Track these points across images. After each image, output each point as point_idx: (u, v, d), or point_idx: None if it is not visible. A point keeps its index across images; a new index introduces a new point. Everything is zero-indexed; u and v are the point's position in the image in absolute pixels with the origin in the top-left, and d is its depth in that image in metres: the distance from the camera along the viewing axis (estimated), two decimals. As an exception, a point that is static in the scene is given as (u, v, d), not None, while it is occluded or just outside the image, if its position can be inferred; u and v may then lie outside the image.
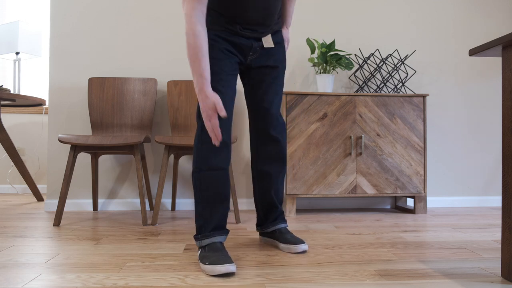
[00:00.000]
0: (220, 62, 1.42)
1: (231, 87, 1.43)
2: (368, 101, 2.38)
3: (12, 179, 3.53)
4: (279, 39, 1.57)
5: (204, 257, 1.30)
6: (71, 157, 2.06)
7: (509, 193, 1.17)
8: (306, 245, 1.51)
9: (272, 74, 1.54)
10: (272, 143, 1.56)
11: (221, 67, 1.41)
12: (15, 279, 1.19)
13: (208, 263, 1.25)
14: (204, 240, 1.36)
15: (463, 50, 2.78)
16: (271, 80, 1.54)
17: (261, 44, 1.50)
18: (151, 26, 2.60)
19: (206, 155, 1.35)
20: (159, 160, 2.60)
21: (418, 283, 1.16)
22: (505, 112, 1.19)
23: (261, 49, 1.52)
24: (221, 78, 1.40)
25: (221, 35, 1.44)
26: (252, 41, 1.48)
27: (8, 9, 3.64)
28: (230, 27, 1.44)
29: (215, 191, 1.37)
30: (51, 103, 2.55)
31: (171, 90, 2.46)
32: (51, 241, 1.67)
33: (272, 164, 1.57)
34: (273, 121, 1.54)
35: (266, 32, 1.50)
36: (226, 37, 1.45)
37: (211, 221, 1.37)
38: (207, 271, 1.24)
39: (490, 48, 1.18)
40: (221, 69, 1.41)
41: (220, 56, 1.42)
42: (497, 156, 2.80)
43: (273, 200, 1.60)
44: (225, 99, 1.40)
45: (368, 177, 2.37)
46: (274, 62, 1.54)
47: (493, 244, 1.64)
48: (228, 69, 1.43)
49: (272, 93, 1.54)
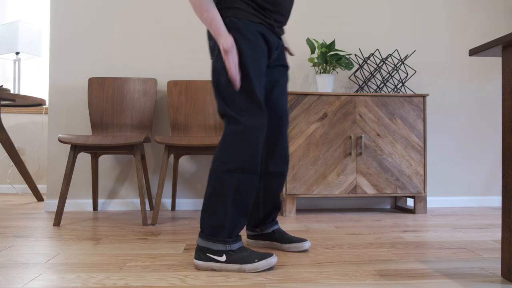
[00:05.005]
0: (262, 66, 1.37)
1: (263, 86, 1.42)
2: (368, 101, 2.38)
3: (12, 179, 3.53)
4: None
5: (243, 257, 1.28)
6: (71, 157, 2.06)
7: (509, 193, 1.17)
8: (308, 243, 1.52)
9: (285, 75, 1.55)
10: (286, 142, 1.56)
11: (263, 69, 1.37)
12: (15, 279, 1.19)
13: (257, 260, 1.27)
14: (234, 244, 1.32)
15: (463, 50, 2.78)
16: (286, 80, 1.55)
17: (281, 42, 1.50)
18: (151, 26, 2.60)
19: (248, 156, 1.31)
20: (159, 160, 2.60)
21: (418, 283, 1.16)
22: (505, 112, 1.19)
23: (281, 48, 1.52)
24: (261, 83, 1.36)
25: (260, 30, 1.37)
26: (277, 38, 1.45)
27: (8, 9, 3.63)
28: (266, 20, 1.38)
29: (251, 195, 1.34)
30: (51, 103, 2.55)
31: (171, 90, 2.46)
32: (51, 241, 1.67)
33: (285, 165, 1.56)
34: (287, 120, 1.56)
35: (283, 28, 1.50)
36: (264, 34, 1.38)
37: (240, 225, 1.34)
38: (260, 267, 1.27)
39: (490, 48, 1.18)
40: (262, 72, 1.36)
41: (259, 56, 1.36)
42: (497, 156, 2.80)
43: (278, 201, 1.58)
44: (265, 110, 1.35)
45: (368, 177, 2.37)
46: (285, 61, 1.55)
47: (493, 244, 1.64)
48: (264, 71, 1.39)
49: (285, 93, 1.55)
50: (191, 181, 2.61)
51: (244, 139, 1.30)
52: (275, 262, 1.29)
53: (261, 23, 1.37)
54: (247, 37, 1.33)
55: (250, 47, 1.33)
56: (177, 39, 2.61)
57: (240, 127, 1.30)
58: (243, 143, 1.30)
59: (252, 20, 1.35)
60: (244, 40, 1.33)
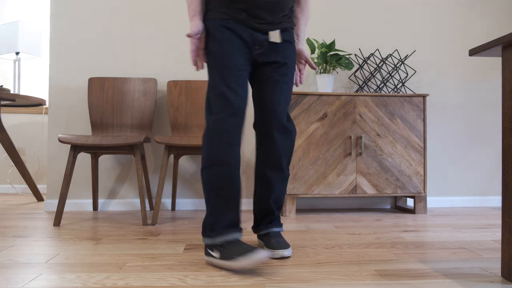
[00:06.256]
0: (231, 57, 1.36)
1: (243, 84, 1.37)
2: (368, 101, 2.38)
3: (12, 179, 3.53)
4: (290, 38, 1.48)
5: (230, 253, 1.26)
6: (71, 157, 2.06)
7: (509, 193, 1.17)
8: (286, 251, 1.42)
9: (279, 72, 1.45)
10: (276, 147, 1.45)
11: (232, 62, 1.36)
12: (15, 279, 1.19)
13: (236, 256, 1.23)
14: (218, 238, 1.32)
15: (463, 50, 2.78)
16: (278, 78, 1.45)
17: (267, 38, 1.41)
18: (151, 26, 2.60)
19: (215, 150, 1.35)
20: (159, 160, 2.60)
21: (418, 283, 1.16)
22: (505, 112, 1.19)
23: (268, 44, 1.43)
24: (233, 74, 1.35)
25: (227, 25, 1.38)
26: (258, 34, 1.40)
27: (8, 9, 3.64)
28: (236, 15, 1.38)
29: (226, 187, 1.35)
30: (51, 103, 2.55)
31: (171, 90, 2.46)
32: (51, 241, 1.67)
33: (274, 172, 1.48)
34: (279, 123, 1.44)
35: (274, 25, 1.43)
36: (233, 28, 1.38)
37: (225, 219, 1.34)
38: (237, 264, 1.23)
39: (490, 48, 1.18)
40: (234, 63, 1.36)
41: (228, 49, 1.36)
42: (497, 156, 2.80)
43: (271, 207, 1.53)
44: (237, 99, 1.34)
45: (368, 177, 2.37)
46: (283, 58, 1.45)
47: (493, 244, 1.64)
48: (240, 64, 1.37)
49: (278, 92, 1.45)
50: (191, 181, 2.61)
51: (209, 134, 1.34)
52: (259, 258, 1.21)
53: (229, 18, 1.39)
54: (214, 36, 1.39)
55: (217, 45, 1.38)
56: (177, 39, 2.61)
57: (207, 125, 1.36)
58: (209, 139, 1.34)
59: (220, 18, 1.40)
60: (212, 40, 1.39)
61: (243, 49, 1.40)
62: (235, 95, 1.34)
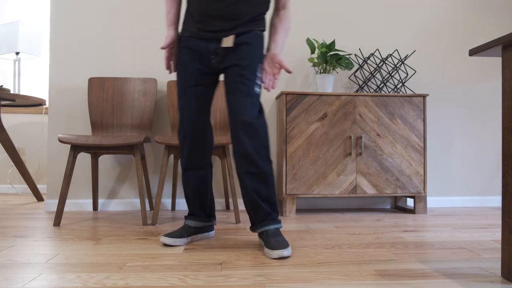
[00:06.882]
0: (182, 76, 1.58)
1: (195, 98, 1.57)
2: (368, 101, 2.38)
3: (12, 179, 3.53)
4: (248, 40, 1.52)
5: None
6: (71, 157, 2.06)
7: (509, 193, 1.17)
8: (285, 251, 1.42)
9: (237, 73, 1.51)
10: (243, 146, 1.48)
11: (183, 80, 1.57)
12: (15, 279, 1.19)
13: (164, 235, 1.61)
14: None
15: (463, 50, 2.78)
16: (235, 79, 1.51)
17: (219, 45, 1.52)
18: (151, 26, 2.60)
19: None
20: (159, 160, 2.60)
21: (418, 283, 1.16)
22: (505, 112, 1.19)
23: (224, 50, 1.52)
24: (184, 91, 1.57)
25: (186, 44, 1.57)
26: (212, 44, 1.52)
27: (8, 9, 3.64)
28: (192, 29, 1.54)
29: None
30: (51, 103, 2.55)
31: (171, 90, 2.46)
32: (51, 241, 1.67)
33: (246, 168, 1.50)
34: (240, 121, 1.48)
35: (227, 31, 1.49)
36: (189, 46, 1.56)
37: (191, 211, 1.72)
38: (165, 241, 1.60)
39: (490, 48, 1.18)
40: (184, 81, 1.57)
41: (181, 69, 1.58)
42: (497, 156, 2.80)
43: (255, 199, 1.52)
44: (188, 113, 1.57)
45: (368, 177, 2.37)
46: (239, 60, 1.51)
47: (493, 244, 1.64)
48: (189, 80, 1.57)
49: (235, 92, 1.50)
50: (191, 181, 2.60)
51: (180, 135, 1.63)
52: (170, 242, 1.58)
53: (189, 36, 1.57)
54: (178, 56, 1.61)
55: (178, 65, 1.60)
56: (177, 39, 2.61)
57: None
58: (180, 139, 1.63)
59: (184, 35, 1.59)
60: (178, 60, 1.61)
61: (199, 65, 1.56)
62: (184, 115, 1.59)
